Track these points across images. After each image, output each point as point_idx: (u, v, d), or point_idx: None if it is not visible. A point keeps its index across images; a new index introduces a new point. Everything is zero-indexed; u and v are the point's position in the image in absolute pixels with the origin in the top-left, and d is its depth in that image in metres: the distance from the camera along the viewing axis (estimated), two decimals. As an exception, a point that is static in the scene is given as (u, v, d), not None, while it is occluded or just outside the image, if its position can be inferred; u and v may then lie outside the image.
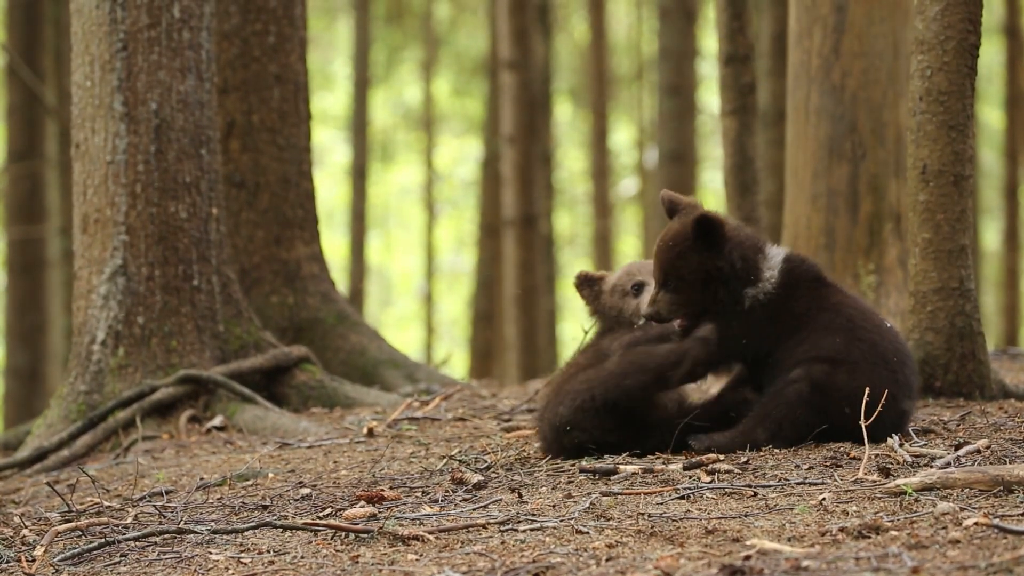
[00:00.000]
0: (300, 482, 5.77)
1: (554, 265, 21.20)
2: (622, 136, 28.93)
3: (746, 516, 4.48)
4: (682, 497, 4.80)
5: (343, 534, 4.59)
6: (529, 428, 6.30)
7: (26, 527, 5.30)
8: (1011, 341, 19.72)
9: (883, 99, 8.75)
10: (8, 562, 4.74)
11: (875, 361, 5.37)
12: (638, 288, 5.76)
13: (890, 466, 4.98)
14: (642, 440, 5.49)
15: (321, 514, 5.03)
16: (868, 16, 8.72)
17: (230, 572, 4.36)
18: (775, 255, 5.49)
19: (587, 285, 5.91)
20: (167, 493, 5.87)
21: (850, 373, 5.34)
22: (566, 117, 28.85)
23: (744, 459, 5.23)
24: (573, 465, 5.41)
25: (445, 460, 5.86)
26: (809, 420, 5.35)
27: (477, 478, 5.27)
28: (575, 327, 29.09)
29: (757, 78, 8.66)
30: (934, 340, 6.45)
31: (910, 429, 5.58)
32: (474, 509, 4.85)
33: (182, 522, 5.08)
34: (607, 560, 4.04)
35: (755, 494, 4.77)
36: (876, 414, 5.25)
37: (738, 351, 5.46)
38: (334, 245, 25.15)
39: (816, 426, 5.35)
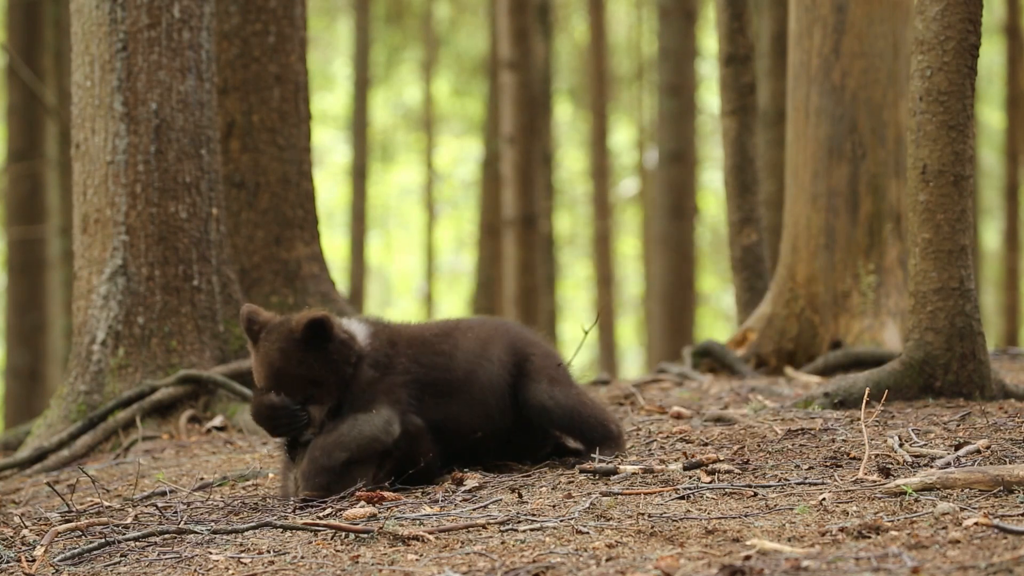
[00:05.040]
0: (300, 482, 5.76)
1: (554, 265, 21.19)
2: (622, 136, 28.93)
3: (746, 516, 4.48)
4: (682, 497, 4.80)
5: (343, 534, 4.59)
6: None
7: (26, 527, 5.30)
8: (1011, 341, 19.72)
9: (883, 99, 8.75)
10: (8, 562, 4.74)
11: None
12: None
13: (890, 466, 4.98)
14: None
15: (321, 514, 5.03)
16: (868, 16, 8.72)
17: (230, 572, 4.36)
18: (358, 329, 5.34)
19: None
20: (167, 493, 5.86)
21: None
22: (566, 117, 28.84)
23: (744, 459, 5.24)
24: (573, 465, 5.41)
25: (445, 460, 5.86)
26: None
27: (477, 478, 5.27)
28: (575, 327, 29.10)
29: (757, 78, 8.67)
30: (934, 340, 6.44)
31: (909, 431, 5.57)
32: (474, 509, 4.85)
33: (182, 522, 5.08)
34: (607, 560, 4.04)
35: (755, 494, 4.77)
36: None
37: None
38: (334, 245, 25.15)
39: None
